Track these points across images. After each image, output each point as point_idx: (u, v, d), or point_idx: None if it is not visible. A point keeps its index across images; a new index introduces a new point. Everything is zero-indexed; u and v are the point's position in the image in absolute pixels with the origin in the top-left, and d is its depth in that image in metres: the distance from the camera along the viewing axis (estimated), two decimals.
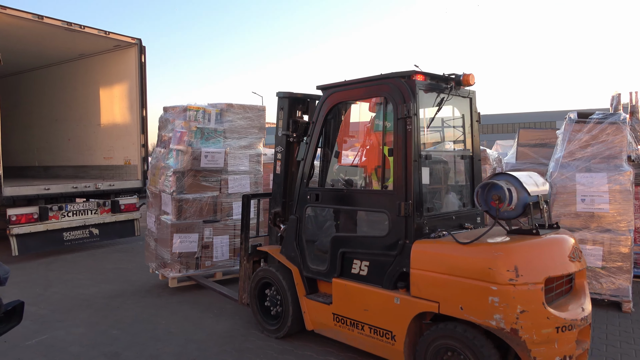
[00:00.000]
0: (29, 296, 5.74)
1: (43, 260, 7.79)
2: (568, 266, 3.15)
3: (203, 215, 5.91)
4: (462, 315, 3.06)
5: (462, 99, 3.92)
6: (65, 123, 10.68)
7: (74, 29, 8.12)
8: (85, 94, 10.43)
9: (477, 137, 4.03)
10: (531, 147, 6.75)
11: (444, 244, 3.26)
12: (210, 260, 5.95)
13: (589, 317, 3.18)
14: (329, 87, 4.02)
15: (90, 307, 5.28)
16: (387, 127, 3.64)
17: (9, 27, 7.72)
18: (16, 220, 7.47)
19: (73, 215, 8.20)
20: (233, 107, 6.20)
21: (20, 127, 11.77)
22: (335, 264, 3.81)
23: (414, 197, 3.36)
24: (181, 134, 5.79)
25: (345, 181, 4.22)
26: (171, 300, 5.47)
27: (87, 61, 10.08)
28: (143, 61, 9.14)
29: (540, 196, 3.27)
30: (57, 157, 10.91)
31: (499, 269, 2.92)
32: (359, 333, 3.64)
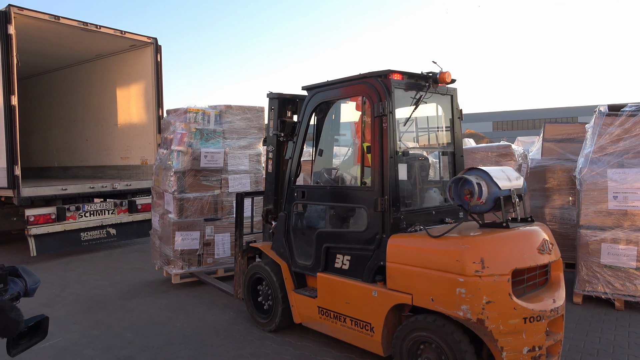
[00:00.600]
0: (45, 297, 5.84)
1: (61, 260, 7.85)
2: (536, 258, 3.23)
3: (204, 213, 6.16)
4: (433, 306, 3.19)
5: (444, 96, 4.05)
6: (84, 124, 10.78)
7: (89, 29, 8.14)
8: (102, 95, 10.49)
9: (458, 133, 4.14)
10: (557, 142, 6.50)
11: (417, 238, 3.40)
12: (212, 257, 6.19)
13: (560, 309, 3.27)
14: (312, 88, 4.19)
15: (106, 309, 5.24)
16: (367, 125, 3.78)
17: (27, 28, 7.78)
18: (34, 221, 7.51)
19: (90, 215, 8.22)
20: (232, 108, 6.43)
21: (40, 129, 11.93)
22: (319, 259, 3.99)
23: (390, 192, 3.51)
24: (181, 135, 6.06)
25: (331, 179, 4.40)
26: (187, 301, 5.45)
27: (104, 61, 10.13)
28: (159, 60, 9.13)
29: (512, 190, 3.37)
30: (75, 158, 11.02)
31: (466, 261, 3.04)
32: (342, 325, 3.81)
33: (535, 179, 6.50)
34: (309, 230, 4.25)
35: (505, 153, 5.46)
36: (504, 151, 5.48)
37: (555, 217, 6.33)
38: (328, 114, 4.42)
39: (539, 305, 3.15)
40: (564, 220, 6.24)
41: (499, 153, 5.50)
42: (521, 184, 3.51)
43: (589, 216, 5.03)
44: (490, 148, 5.62)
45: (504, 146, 5.55)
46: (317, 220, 4.30)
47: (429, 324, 3.20)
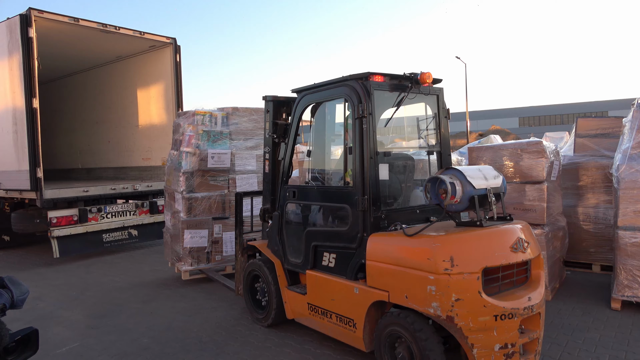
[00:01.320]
0: (65, 300, 5.95)
1: (83, 262, 7.94)
2: (509, 256, 3.31)
3: (212, 212, 6.43)
4: (407, 303, 3.32)
5: (431, 96, 4.15)
6: (106, 125, 10.88)
7: (109, 30, 8.16)
8: (123, 96, 10.55)
9: (446, 132, 4.24)
10: (591, 137, 6.20)
11: (394, 237, 3.51)
12: (220, 255, 6.47)
13: (535, 307, 3.33)
14: (301, 90, 4.37)
15: (124, 312, 5.22)
16: (349, 126, 3.91)
17: (47, 31, 7.85)
18: (57, 223, 7.57)
19: (112, 216, 8.24)
20: (239, 110, 6.69)
21: (64, 131, 12.11)
22: (308, 257, 4.16)
23: (371, 192, 3.63)
24: (189, 137, 6.35)
25: (319, 178, 4.57)
26: (204, 305, 5.41)
27: (125, 63, 10.18)
28: (178, 60, 9.11)
29: (489, 189, 3.46)
30: (98, 159, 11.13)
31: (436, 259, 3.15)
32: (328, 321, 3.98)
33: (567, 176, 6.20)
34: (299, 228, 4.40)
35: (536, 150, 5.16)
36: (535, 148, 5.19)
37: (590, 216, 6.03)
38: (317, 115, 4.54)
39: (512, 303, 3.23)
40: (598, 220, 5.93)
41: (529, 150, 5.19)
42: (499, 183, 3.59)
43: (628, 216, 4.72)
44: (520, 145, 5.35)
45: (534, 142, 5.27)
46: (306, 219, 4.46)
47: (401, 319, 3.34)
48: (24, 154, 7.50)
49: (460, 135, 44.76)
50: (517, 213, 5.28)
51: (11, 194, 8.15)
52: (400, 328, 3.34)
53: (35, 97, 7.37)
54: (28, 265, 7.91)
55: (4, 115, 7.93)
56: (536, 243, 3.62)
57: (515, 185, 5.35)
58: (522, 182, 5.32)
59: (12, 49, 7.53)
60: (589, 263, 6.17)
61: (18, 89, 7.49)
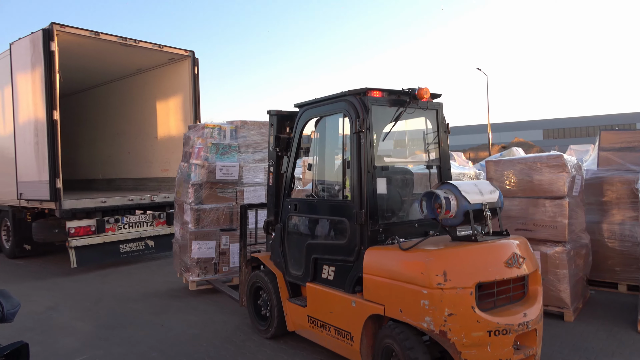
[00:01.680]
0: (79, 310, 6.06)
1: (100, 272, 8.01)
2: (503, 272, 3.32)
3: (220, 224, 6.52)
4: (402, 317, 3.34)
5: (431, 111, 4.19)
6: (126, 137, 11.05)
7: (129, 43, 8.29)
8: (143, 108, 10.70)
9: (445, 147, 4.29)
10: (616, 151, 5.99)
11: (390, 250, 3.55)
12: (227, 266, 6.55)
13: (531, 323, 3.33)
14: (302, 105, 4.48)
15: (134, 324, 5.21)
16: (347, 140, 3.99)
17: (69, 45, 8.03)
18: (75, 233, 7.66)
19: (129, 227, 8.31)
20: (247, 123, 6.81)
21: (86, 142, 12.35)
22: (309, 269, 4.22)
23: (368, 206, 3.69)
24: (199, 149, 6.49)
25: (320, 192, 4.60)
26: (215, 318, 5.42)
27: (144, 76, 10.36)
28: (196, 73, 9.22)
29: (484, 204, 3.49)
30: (119, 170, 11.29)
31: (429, 273, 3.18)
32: (327, 334, 4.02)
33: (590, 191, 5.98)
34: (300, 241, 4.45)
35: (556, 164, 4.99)
36: (555, 162, 5.03)
37: (615, 233, 5.80)
38: (318, 129, 4.61)
39: (507, 318, 3.24)
40: (625, 237, 5.69)
41: (549, 164, 5.02)
42: (496, 198, 3.62)
43: None
44: (540, 158, 5.18)
45: (554, 156, 5.10)
46: (307, 231, 4.52)
47: (394, 333, 3.38)
48: (44, 164, 7.64)
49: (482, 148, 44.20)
50: (537, 230, 5.11)
51: (32, 204, 8.31)
52: (393, 341, 3.38)
53: (55, 109, 7.52)
54: (46, 274, 8.02)
55: (26, 126, 8.11)
56: (533, 259, 3.62)
57: (534, 200, 5.18)
58: (542, 197, 5.14)
59: (35, 62, 7.72)
60: (614, 282, 5.92)
61: (40, 101, 7.66)
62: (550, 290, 5.00)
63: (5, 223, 9.45)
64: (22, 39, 8.06)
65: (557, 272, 4.98)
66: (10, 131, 8.59)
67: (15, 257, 9.33)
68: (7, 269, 8.54)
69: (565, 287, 4.94)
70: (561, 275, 4.96)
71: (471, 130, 61.28)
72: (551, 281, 5.01)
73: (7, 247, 9.49)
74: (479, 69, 33.67)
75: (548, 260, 5.02)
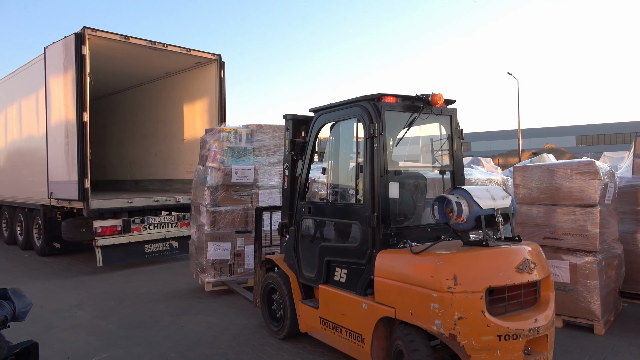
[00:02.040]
0: (103, 309, 6.15)
1: (124, 272, 8.13)
2: (513, 277, 3.33)
3: (235, 226, 6.63)
4: (412, 320, 3.39)
5: (445, 117, 4.24)
6: (153, 139, 11.23)
7: (157, 47, 8.43)
8: (170, 111, 10.87)
9: (458, 152, 4.32)
10: None
11: (401, 254, 3.59)
12: (242, 267, 6.66)
13: (542, 329, 3.33)
14: (318, 110, 4.58)
15: (156, 325, 5.25)
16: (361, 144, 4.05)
17: (100, 49, 8.22)
18: (101, 232, 7.81)
19: (154, 228, 8.44)
20: (262, 127, 6.93)
21: (115, 144, 12.59)
22: (321, 272, 4.29)
23: (380, 209, 3.75)
24: (215, 152, 6.61)
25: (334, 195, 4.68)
26: (235, 321, 5.47)
27: (172, 79, 10.53)
28: (222, 76, 9.31)
29: (496, 210, 3.52)
30: (146, 172, 11.49)
31: (440, 277, 3.22)
32: (339, 335, 4.07)
33: (625, 199, 5.74)
34: (313, 244, 4.53)
35: (588, 171, 4.81)
36: (586, 169, 4.86)
37: None
38: (333, 134, 4.69)
39: (517, 323, 3.25)
40: None
41: (580, 170, 4.84)
42: (508, 203, 3.64)
43: None
44: (570, 165, 5.01)
45: (585, 163, 4.92)
46: (320, 234, 4.59)
47: (403, 335, 3.43)
48: (74, 165, 7.83)
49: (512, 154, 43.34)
50: (566, 238, 4.94)
51: (62, 203, 8.53)
52: (402, 343, 3.44)
53: (85, 111, 7.70)
54: (73, 272, 8.20)
55: (58, 128, 8.34)
56: (546, 265, 3.63)
57: (564, 208, 5.00)
58: (572, 205, 4.97)
59: (67, 65, 7.94)
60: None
61: (71, 103, 7.86)
62: (579, 302, 4.83)
63: (37, 222, 9.73)
64: (56, 43, 8.30)
65: (587, 282, 4.79)
66: (43, 132, 8.84)
67: (45, 254, 9.59)
68: (37, 266, 8.78)
69: (596, 298, 4.75)
70: (591, 286, 4.77)
71: (501, 135, 60.19)
72: (581, 292, 4.82)
73: (38, 245, 9.76)
74: (509, 73, 32.99)
75: (578, 271, 4.84)
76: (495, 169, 16.43)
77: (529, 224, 5.25)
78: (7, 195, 10.95)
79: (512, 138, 38.37)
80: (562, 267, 4.95)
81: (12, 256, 9.83)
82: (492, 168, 16.64)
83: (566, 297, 4.92)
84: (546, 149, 39.22)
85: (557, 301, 4.90)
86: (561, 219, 5.02)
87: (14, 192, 10.59)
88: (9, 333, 2.02)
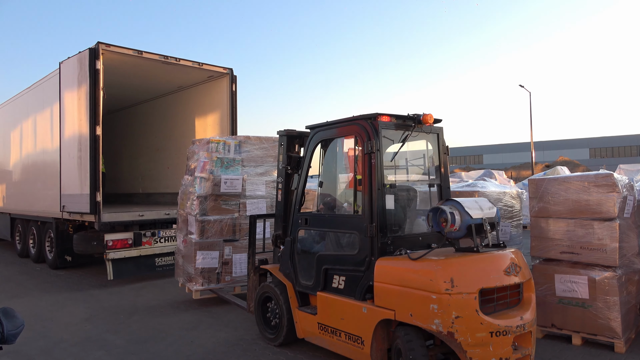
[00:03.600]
0: (112, 322, 6.23)
1: (135, 285, 8.17)
2: (502, 279, 3.70)
3: (223, 234, 6.78)
4: (412, 320, 3.68)
5: (433, 134, 4.64)
6: (165, 152, 11.34)
7: (170, 61, 8.53)
8: (182, 124, 10.97)
9: (445, 167, 4.69)
10: None
11: (399, 260, 3.92)
12: (230, 276, 6.81)
13: (527, 325, 3.71)
14: (315, 127, 4.86)
15: (165, 340, 5.26)
16: (359, 160, 4.36)
17: (113, 63, 8.34)
18: (112, 245, 7.83)
19: (165, 241, 8.47)
20: (250, 139, 7.17)
21: (128, 157, 12.72)
22: (319, 279, 4.54)
23: (378, 220, 4.04)
24: (204, 163, 6.78)
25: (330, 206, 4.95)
26: (245, 337, 5.53)
27: (184, 93, 10.65)
28: (234, 90, 9.39)
29: (484, 219, 3.85)
30: (158, 185, 11.60)
31: (438, 280, 3.55)
32: (337, 339, 4.32)
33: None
34: (310, 253, 4.79)
35: (606, 183, 4.70)
36: (604, 181, 4.74)
37: None
38: (329, 149, 4.98)
39: (506, 321, 3.60)
40: None
41: (598, 183, 4.73)
42: (494, 213, 3.98)
43: None
44: (587, 177, 4.91)
45: (603, 175, 4.81)
46: (317, 244, 4.86)
47: (401, 334, 3.73)
48: (86, 178, 7.91)
49: (525, 166, 42.97)
50: (584, 253, 4.82)
51: (74, 216, 8.60)
52: (400, 342, 3.73)
53: (98, 125, 7.79)
54: (84, 285, 8.24)
55: (71, 141, 8.44)
56: (527, 269, 4.00)
57: (581, 222, 4.89)
58: (590, 219, 4.85)
59: (81, 79, 8.06)
60: None
61: (84, 117, 7.99)
62: (598, 319, 4.70)
63: (49, 234, 9.81)
64: (71, 58, 8.44)
65: (607, 299, 4.66)
66: (57, 146, 8.96)
67: (57, 267, 9.67)
68: (49, 279, 8.82)
69: (616, 315, 4.62)
70: (611, 302, 4.64)
71: (514, 148, 59.82)
72: (600, 309, 4.69)
73: (50, 258, 9.84)
74: (521, 85, 32.86)
75: (597, 286, 4.72)
76: (508, 182, 16.24)
77: (545, 237, 5.15)
78: (21, 209, 11.13)
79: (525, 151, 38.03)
80: (581, 282, 4.83)
81: (25, 269, 9.92)
82: (505, 181, 16.46)
83: (585, 314, 4.80)
84: (559, 162, 38.79)
85: (576, 317, 4.79)
86: (579, 233, 4.91)
87: (28, 206, 10.76)
88: None
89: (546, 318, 5.07)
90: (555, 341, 4.98)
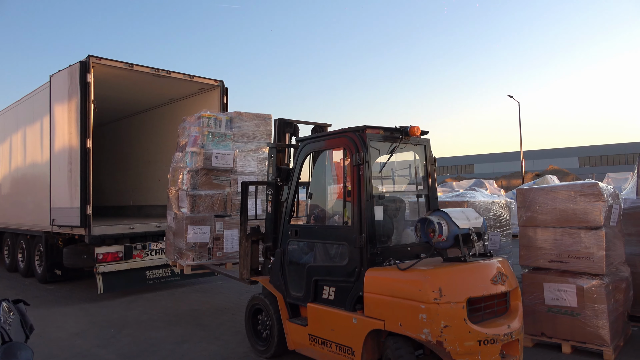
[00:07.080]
0: (103, 337, 6.21)
1: (125, 299, 8.10)
2: (489, 288, 3.76)
3: (215, 210, 6.73)
4: (402, 330, 3.72)
5: (420, 146, 4.71)
6: (156, 165, 11.36)
7: (161, 74, 8.56)
8: (173, 137, 10.82)
9: (432, 178, 4.76)
10: None
11: (389, 271, 3.96)
12: (221, 251, 6.75)
13: (514, 333, 3.76)
14: (304, 139, 4.92)
15: (156, 354, 5.28)
16: (347, 172, 4.43)
17: (104, 76, 8.36)
18: (102, 259, 7.81)
19: (156, 254, 8.46)
20: (241, 115, 7.11)
21: (118, 170, 12.73)
22: (309, 291, 4.57)
23: (367, 230, 4.09)
24: (195, 137, 6.74)
25: (320, 218, 5.01)
26: (237, 350, 5.52)
27: (175, 105, 10.69)
28: (225, 102, 9.45)
29: (471, 229, 3.91)
30: (148, 197, 11.58)
31: (426, 290, 3.60)
32: (328, 350, 4.33)
33: (630, 221, 5.74)
34: (301, 264, 4.82)
35: (592, 192, 4.79)
36: (590, 190, 4.85)
37: None
38: (318, 161, 5.05)
39: (493, 330, 3.66)
40: None
41: (584, 192, 4.82)
42: (480, 223, 4.04)
43: None
44: (573, 187, 5.00)
45: (589, 184, 4.91)
46: (307, 255, 4.87)
47: (391, 344, 3.78)
48: (76, 191, 7.88)
49: (515, 176, 43.33)
50: (572, 262, 4.89)
51: (64, 229, 8.56)
52: (390, 352, 3.77)
53: (89, 138, 7.78)
54: (74, 300, 8.18)
55: (61, 154, 8.42)
56: (514, 278, 4.08)
57: (568, 230, 4.98)
58: (577, 228, 4.94)
59: (72, 93, 8.08)
60: None
61: (74, 130, 7.98)
62: (587, 327, 4.77)
63: (39, 248, 9.74)
64: (61, 71, 8.45)
65: (595, 307, 4.73)
66: (47, 159, 8.93)
67: (46, 281, 9.58)
68: (38, 293, 8.74)
69: (604, 323, 4.68)
70: (599, 310, 4.71)
71: (504, 157, 60.33)
72: (588, 317, 4.76)
73: (39, 272, 9.76)
74: (510, 96, 33.27)
75: (585, 295, 4.79)
76: (498, 191, 16.39)
77: (533, 246, 5.22)
78: (10, 222, 11.06)
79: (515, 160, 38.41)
80: (569, 290, 4.90)
81: (13, 284, 9.83)
82: (496, 190, 16.60)
83: (574, 322, 4.87)
84: (549, 171, 39.18)
85: (565, 326, 4.84)
86: (566, 242, 5.00)
87: (17, 219, 10.70)
88: None
89: (536, 327, 5.12)
90: (545, 350, 5.04)
